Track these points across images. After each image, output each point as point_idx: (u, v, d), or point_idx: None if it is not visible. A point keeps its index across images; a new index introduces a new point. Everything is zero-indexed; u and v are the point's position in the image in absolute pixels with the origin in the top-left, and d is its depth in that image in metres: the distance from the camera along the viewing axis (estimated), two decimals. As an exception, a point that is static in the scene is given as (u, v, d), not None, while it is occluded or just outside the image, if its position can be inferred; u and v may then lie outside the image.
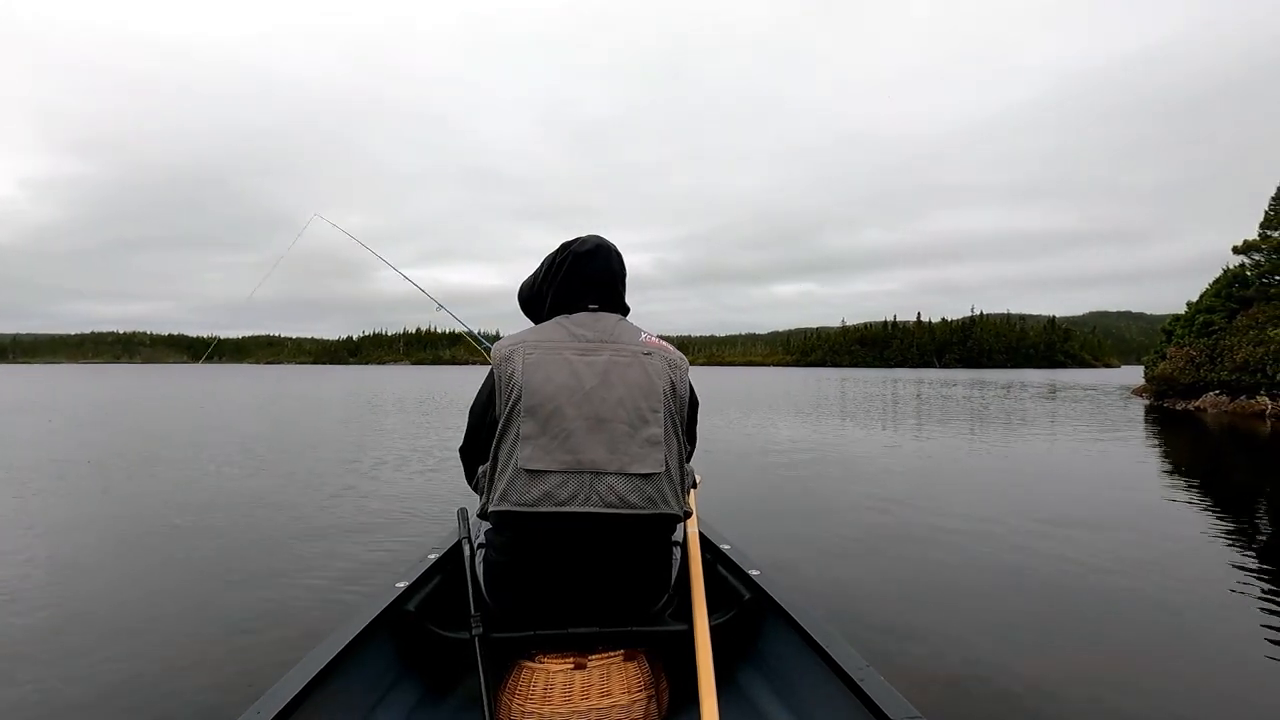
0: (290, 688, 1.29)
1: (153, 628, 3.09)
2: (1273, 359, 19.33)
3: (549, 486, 1.51)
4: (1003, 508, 5.70)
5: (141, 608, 3.35)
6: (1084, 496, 6.34)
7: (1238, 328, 22.13)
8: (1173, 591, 3.65)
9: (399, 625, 1.71)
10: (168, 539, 4.67)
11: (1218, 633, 3.14)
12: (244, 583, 3.72)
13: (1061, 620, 3.25)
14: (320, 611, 3.25)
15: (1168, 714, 2.40)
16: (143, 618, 3.21)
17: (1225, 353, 21.52)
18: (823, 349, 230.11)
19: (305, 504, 5.80)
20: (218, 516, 5.33)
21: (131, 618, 3.22)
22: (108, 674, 2.62)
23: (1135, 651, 2.93)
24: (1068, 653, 2.88)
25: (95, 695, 2.46)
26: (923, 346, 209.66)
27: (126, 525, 5.09)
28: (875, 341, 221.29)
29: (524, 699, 1.53)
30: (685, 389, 1.67)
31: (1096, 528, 5.06)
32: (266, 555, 4.26)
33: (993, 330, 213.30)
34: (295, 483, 6.83)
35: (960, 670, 2.67)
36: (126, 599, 3.49)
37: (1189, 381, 22.52)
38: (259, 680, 2.40)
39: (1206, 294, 25.43)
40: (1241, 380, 20.54)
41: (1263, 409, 18.91)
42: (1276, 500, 6.58)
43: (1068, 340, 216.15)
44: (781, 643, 1.69)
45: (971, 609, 3.38)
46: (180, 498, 6.06)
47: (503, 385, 1.59)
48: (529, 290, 1.85)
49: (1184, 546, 4.58)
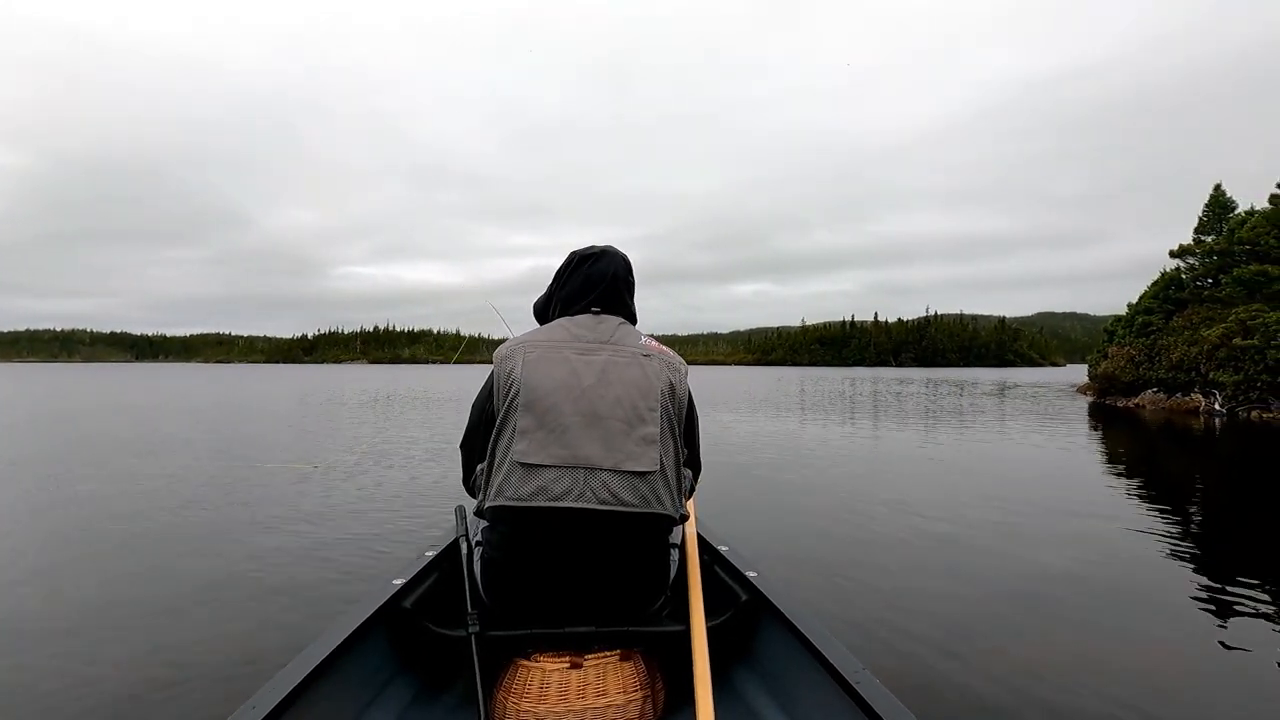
0: (286, 684, 1.28)
1: (147, 624, 3.06)
2: (1206, 358, 20.38)
3: (544, 481, 1.52)
4: (991, 507, 5.81)
5: (136, 605, 3.31)
6: (1057, 494, 6.54)
7: (1174, 328, 23.22)
8: (1152, 587, 3.76)
9: (395, 622, 1.71)
10: (159, 537, 4.58)
11: (1198, 621, 3.27)
12: (240, 581, 3.66)
13: (1061, 619, 3.25)
14: (317, 609, 3.23)
15: (1169, 712, 2.43)
16: (138, 615, 3.18)
17: (1162, 352, 22.59)
18: (783, 348, 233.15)
19: (302, 502, 5.73)
20: (212, 516, 5.24)
21: (127, 615, 3.19)
22: (107, 673, 2.60)
23: (1135, 649, 2.94)
24: (1066, 651, 2.88)
25: (95, 693, 2.44)
26: (880, 346, 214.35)
27: (114, 525, 4.96)
28: (834, 341, 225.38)
29: (520, 697, 1.53)
30: (684, 391, 1.70)
31: (1076, 523, 5.22)
32: (263, 553, 4.19)
33: (947, 330, 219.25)
34: (291, 482, 6.72)
35: (955, 672, 2.66)
36: (122, 597, 3.44)
37: (1129, 380, 23.57)
38: (255, 676, 2.38)
39: (1145, 296, 26.49)
40: (1177, 379, 21.60)
41: (1196, 406, 19.94)
42: (1215, 491, 7.00)
43: (1017, 340, 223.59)
44: (778, 644, 1.70)
45: (967, 609, 3.38)
46: (171, 497, 5.92)
47: (501, 382, 1.61)
48: (543, 303, 1.89)
49: (1146, 542, 4.76)
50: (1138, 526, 5.14)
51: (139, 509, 5.47)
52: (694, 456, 1.81)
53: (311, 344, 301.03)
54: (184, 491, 6.19)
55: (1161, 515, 5.54)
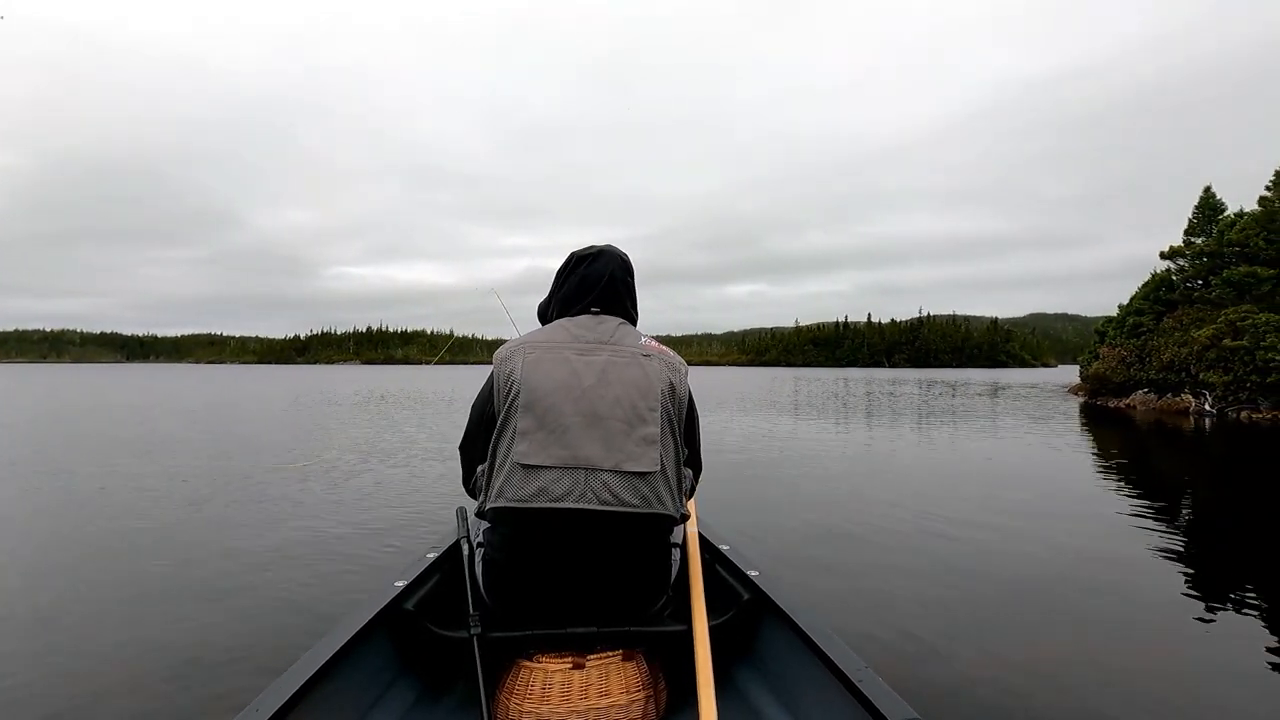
0: (288, 687, 1.28)
1: (148, 628, 3.05)
2: (1195, 359, 20.53)
3: (544, 482, 1.52)
4: (989, 506, 5.85)
5: (136, 608, 3.30)
6: (1052, 494, 6.58)
7: (1164, 329, 23.38)
8: (1146, 587, 3.79)
9: (397, 624, 1.71)
10: (158, 540, 4.56)
11: (1190, 619, 3.29)
12: (242, 583, 3.65)
13: (1059, 618, 3.26)
14: (318, 611, 3.23)
15: (1168, 708, 2.44)
16: (138, 618, 3.17)
17: (1153, 353, 22.74)
18: (777, 348, 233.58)
19: (305, 502, 5.73)
20: (212, 517, 5.21)
21: (128, 617, 3.18)
22: (108, 676, 2.59)
23: (1133, 647, 2.95)
24: (1065, 650, 2.89)
25: (96, 697, 2.43)
26: (873, 346, 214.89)
27: (116, 526, 4.95)
28: (828, 341, 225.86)
29: (522, 698, 1.54)
30: (684, 391, 1.70)
31: (1071, 523, 5.26)
32: (263, 555, 4.18)
33: (939, 331, 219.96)
34: (289, 482, 6.69)
35: (959, 670, 2.66)
36: (123, 599, 3.43)
37: (1120, 380, 23.72)
38: (256, 679, 2.38)
39: (1136, 297, 26.65)
40: (1168, 379, 21.76)
41: (1187, 406, 20.09)
42: (1205, 491, 7.06)
43: (1009, 341, 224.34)
44: (780, 643, 1.70)
45: (969, 607, 3.38)
46: (169, 498, 5.89)
47: (501, 383, 1.61)
48: (545, 304, 1.89)
49: (1139, 542, 4.80)
50: (1130, 526, 5.18)
51: (138, 511, 5.44)
52: (694, 456, 1.81)
53: (304, 344, 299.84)
54: (184, 493, 6.16)
55: (1154, 515, 5.58)
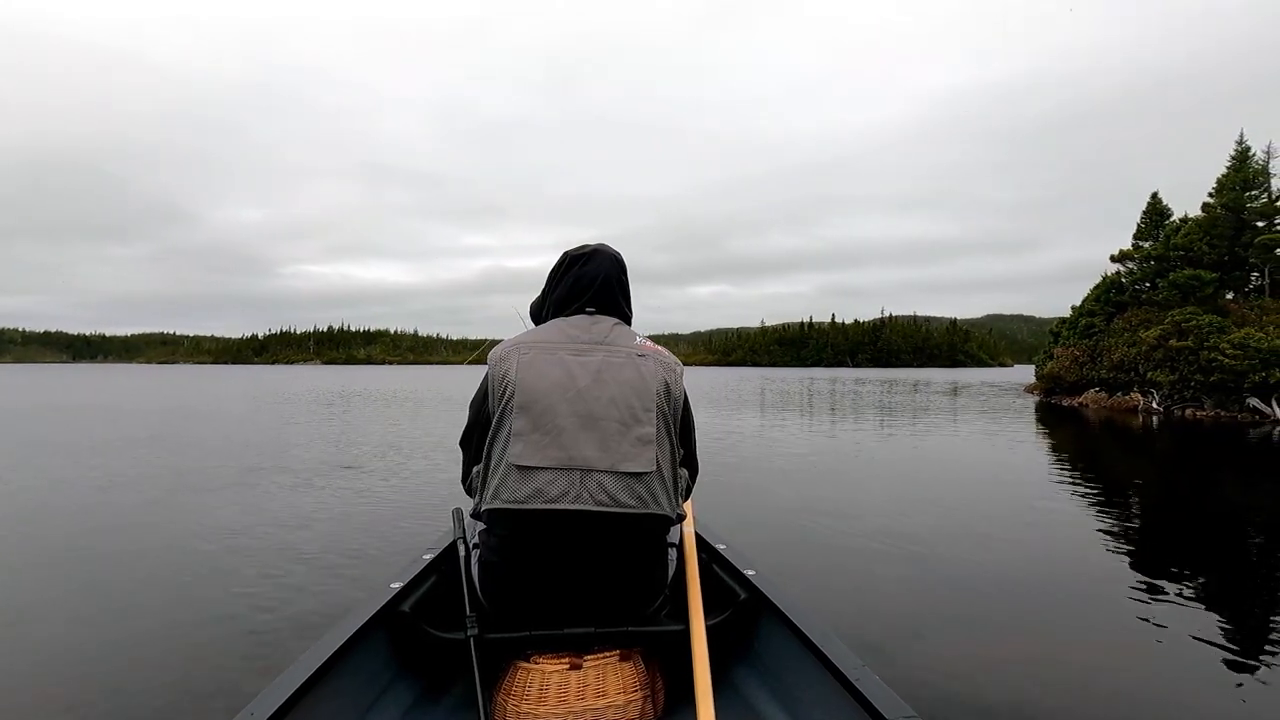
0: (284, 689, 1.26)
1: (143, 632, 3.01)
2: (1144, 359, 21.40)
3: (540, 484, 1.52)
4: (964, 506, 5.98)
5: (131, 612, 3.25)
6: (1021, 494, 6.72)
7: (1115, 330, 24.31)
8: (1121, 580, 3.91)
9: (394, 626, 1.69)
10: (156, 541, 4.47)
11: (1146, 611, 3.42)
12: (237, 586, 3.59)
13: (1058, 617, 3.33)
14: (314, 613, 3.20)
15: (1169, 706, 2.49)
16: (134, 622, 3.12)
17: (1104, 353, 23.63)
18: (743, 349, 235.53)
19: (299, 505, 5.63)
20: (207, 518, 5.11)
21: (123, 621, 3.13)
22: (105, 680, 2.55)
23: (1132, 645, 3.02)
24: (1065, 650, 2.94)
25: (94, 701, 2.39)
26: (837, 347, 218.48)
27: (109, 529, 4.85)
28: (793, 342, 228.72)
29: (519, 699, 1.53)
30: (680, 391, 1.70)
31: (1043, 522, 5.40)
32: (259, 557, 4.11)
33: (901, 332, 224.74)
34: (285, 483, 6.58)
35: (956, 668, 2.69)
36: (116, 603, 3.37)
37: (1073, 379, 24.60)
38: (253, 682, 2.36)
39: (1088, 299, 27.60)
40: (1118, 378, 22.64)
41: (1136, 404, 20.93)
42: (1154, 486, 7.41)
43: (968, 341, 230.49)
44: (777, 642, 1.70)
45: (968, 605, 3.43)
46: (164, 500, 5.78)
47: (496, 384, 1.60)
48: (538, 305, 1.88)
49: (1098, 537, 4.99)
50: (1088, 522, 5.39)
51: (132, 511, 5.34)
52: (690, 456, 1.82)
53: (262, 344, 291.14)
54: (172, 497, 5.98)
55: (1111, 513, 5.83)
